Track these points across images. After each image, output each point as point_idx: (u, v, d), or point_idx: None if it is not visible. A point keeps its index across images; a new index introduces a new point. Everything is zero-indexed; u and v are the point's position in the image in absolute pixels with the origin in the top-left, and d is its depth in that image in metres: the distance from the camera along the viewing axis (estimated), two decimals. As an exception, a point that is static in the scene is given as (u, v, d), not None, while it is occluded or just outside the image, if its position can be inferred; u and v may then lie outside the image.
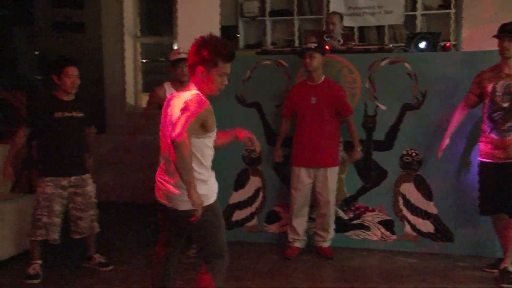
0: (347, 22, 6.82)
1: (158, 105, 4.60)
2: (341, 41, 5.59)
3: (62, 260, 4.75)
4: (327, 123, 4.71)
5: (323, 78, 4.77)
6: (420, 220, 4.88)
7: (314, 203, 4.90)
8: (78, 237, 4.47)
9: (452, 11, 6.78)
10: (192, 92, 2.89)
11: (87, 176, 4.48)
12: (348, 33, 6.55)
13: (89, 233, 4.50)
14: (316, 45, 4.69)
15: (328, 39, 5.60)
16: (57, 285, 4.25)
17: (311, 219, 4.99)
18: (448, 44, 5.61)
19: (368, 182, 4.99)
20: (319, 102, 4.69)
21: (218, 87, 2.92)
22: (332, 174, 4.77)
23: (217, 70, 2.86)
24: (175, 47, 5.69)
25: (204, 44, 2.87)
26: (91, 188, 4.49)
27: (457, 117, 4.45)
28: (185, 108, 2.77)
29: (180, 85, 4.64)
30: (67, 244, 4.77)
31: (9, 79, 6.60)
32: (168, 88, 4.71)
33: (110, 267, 4.55)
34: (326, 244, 4.87)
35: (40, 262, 4.38)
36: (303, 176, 4.77)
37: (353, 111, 4.79)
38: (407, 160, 4.87)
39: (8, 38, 6.24)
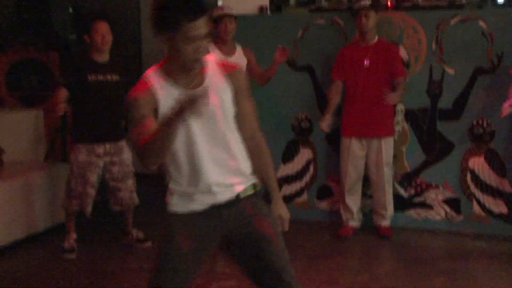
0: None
1: None
2: None
3: (99, 235, 4.80)
4: (382, 88, 4.50)
5: (376, 38, 4.58)
6: (491, 199, 4.69)
7: (368, 178, 4.76)
8: (118, 208, 4.47)
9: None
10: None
11: (123, 143, 4.43)
12: None
13: (129, 205, 4.49)
14: (370, 1, 4.47)
15: None
16: (93, 261, 4.28)
17: (366, 195, 4.86)
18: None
19: (431, 156, 4.81)
20: (373, 65, 4.52)
21: (190, 58, 2.14)
22: (387, 144, 4.61)
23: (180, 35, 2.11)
24: (219, 4, 5.54)
25: None
26: (128, 156, 4.44)
27: None
28: None
29: (222, 44, 4.55)
30: (105, 219, 4.88)
31: (42, 39, 6.60)
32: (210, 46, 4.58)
33: (149, 244, 4.55)
34: (385, 223, 4.74)
35: (75, 236, 4.43)
36: (354, 148, 4.63)
37: (406, 74, 4.60)
38: (478, 132, 4.67)
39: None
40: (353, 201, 4.76)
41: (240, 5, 5.13)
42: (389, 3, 5.00)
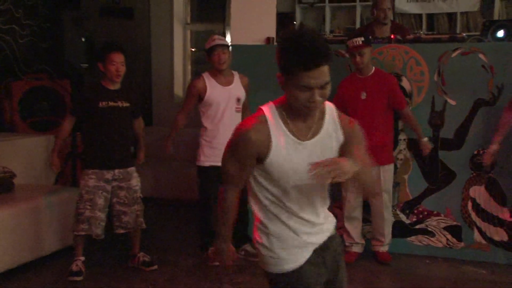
0: (415, 9, 6.75)
1: (198, 97, 4.73)
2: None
3: (106, 258, 4.91)
4: (380, 118, 4.66)
5: (373, 70, 4.72)
6: (492, 227, 4.78)
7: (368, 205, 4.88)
8: (122, 231, 4.59)
9: (536, -5, 6.60)
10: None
11: (132, 169, 4.58)
12: (398, 23, 6.42)
13: (134, 228, 4.61)
14: (363, 39, 4.61)
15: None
16: (100, 283, 4.39)
17: (367, 221, 4.97)
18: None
19: (433, 184, 4.94)
20: (370, 96, 4.65)
21: (302, 105, 2.10)
22: (386, 172, 4.72)
23: (294, 81, 2.07)
24: (228, 35, 5.76)
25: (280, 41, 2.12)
26: (136, 182, 4.58)
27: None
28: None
29: (219, 74, 4.73)
30: (112, 242, 4.97)
31: (55, 67, 6.85)
32: (207, 79, 4.74)
33: (155, 267, 4.66)
34: (383, 249, 4.86)
35: (83, 259, 4.54)
36: None
37: (407, 103, 4.76)
38: (479, 161, 4.78)
39: (56, 23, 6.46)
40: (353, 227, 4.86)
41: (247, 36, 5.34)
42: (392, 36, 5.21)
